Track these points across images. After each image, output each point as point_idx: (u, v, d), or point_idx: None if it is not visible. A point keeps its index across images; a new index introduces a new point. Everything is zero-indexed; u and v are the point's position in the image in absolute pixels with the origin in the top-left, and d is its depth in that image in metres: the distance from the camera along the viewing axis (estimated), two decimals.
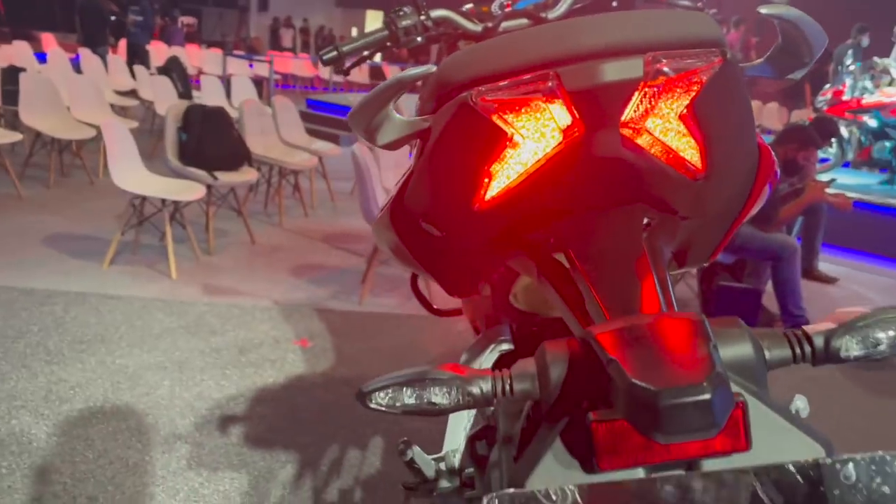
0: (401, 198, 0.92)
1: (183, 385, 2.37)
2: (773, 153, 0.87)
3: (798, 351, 0.60)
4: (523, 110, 0.71)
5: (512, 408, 1.20)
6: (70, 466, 1.89)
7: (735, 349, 0.59)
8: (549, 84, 0.71)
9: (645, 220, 0.76)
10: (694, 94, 0.70)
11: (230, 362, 2.56)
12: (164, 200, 4.05)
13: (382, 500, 1.87)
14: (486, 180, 0.74)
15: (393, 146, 0.81)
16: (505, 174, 0.73)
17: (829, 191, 4.94)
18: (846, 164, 8.51)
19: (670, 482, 0.52)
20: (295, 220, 5.57)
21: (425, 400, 0.62)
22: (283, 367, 2.57)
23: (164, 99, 7.65)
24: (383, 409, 0.63)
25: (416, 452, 1.12)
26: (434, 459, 1.16)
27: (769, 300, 4.03)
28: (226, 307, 3.10)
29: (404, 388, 0.62)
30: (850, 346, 0.58)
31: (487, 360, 1.23)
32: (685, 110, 0.70)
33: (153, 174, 4.23)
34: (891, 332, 0.58)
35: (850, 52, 8.58)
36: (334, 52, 1.19)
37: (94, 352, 2.53)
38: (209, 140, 4.80)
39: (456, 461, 1.16)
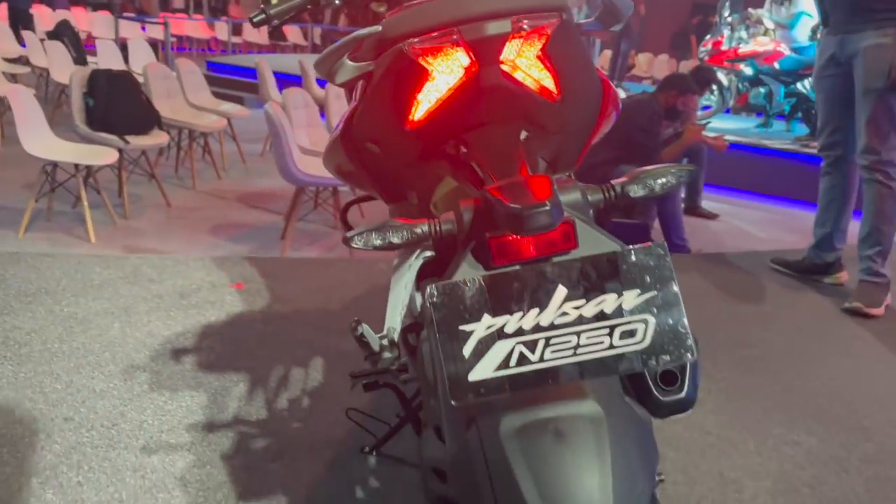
0: (348, 127, 1.22)
1: (132, 326, 2.58)
2: (613, 86, 1.23)
3: (606, 195, 0.95)
4: (438, 55, 1.05)
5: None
6: (41, 396, 2.10)
7: (570, 194, 0.94)
8: (455, 37, 1.06)
9: (524, 135, 1.10)
10: (544, 41, 1.05)
11: (173, 305, 2.78)
12: (76, 165, 4.12)
13: (327, 404, 2.17)
14: (414, 106, 1.06)
15: (347, 85, 1.12)
16: (426, 100, 1.06)
17: (708, 133, 5.47)
18: (727, 111, 9.22)
19: (534, 269, 0.86)
20: (208, 183, 5.69)
21: (387, 240, 0.93)
22: (222, 307, 2.81)
23: (60, 65, 7.47)
24: (361, 247, 0.93)
25: (365, 329, 1.43)
26: (379, 337, 1.47)
27: (657, 233, 4.52)
28: (159, 259, 3.29)
29: (373, 233, 0.93)
30: (636, 190, 0.94)
31: (414, 264, 1.53)
32: (540, 52, 1.07)
33: (63, 140, 4.28)
34: (661, 180, 0.93)
35: (727, 3, 9.16)
36: (263, 16, 1.45)
37: (41, 302, 2.70)
38: (117, 104, 4.84)
39: (395, 336, 1.47)
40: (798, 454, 2.08)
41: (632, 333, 0.83)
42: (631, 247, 0.86)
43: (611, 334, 0.83)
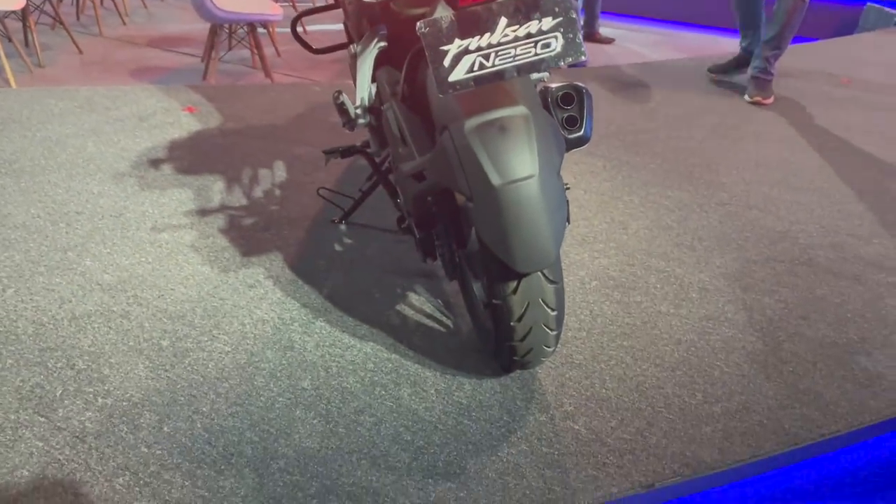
0: None
1: (105, 144, 2.88)
2: None
3: None
4: None
5: (390, 78, 1.94)
6: (48, 198, 2.44)
7: None
8: None
9: None
10: None
11: (135, 127, 3.08)
12: None
13: (296, 192, 2.60)
14: None
15: None
16: None
17: None
18: None
19: (486, 7, 1.30)
20: (114, 29, 5.68)
21: None
22: (181, 126, 3.12)
23: None
24: None
25: (345, 98, 1.85)
26: (355, 106, 1.89)
27: None
28: (107, 89, 3.50)
29: None
30: None
31: (373, 51, 1.93)
32: None
33: None
34: None
35: None
36: None
37: (12, 129, 2.94)
38: None
39: (366, 104, 1.90)
40: (670, 203, 2.69)
41: (548, 45, 1.29)
42: None
43: (535, 46, 1.29)
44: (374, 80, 1.96)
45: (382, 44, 1.93)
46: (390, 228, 2.36)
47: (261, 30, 5.01)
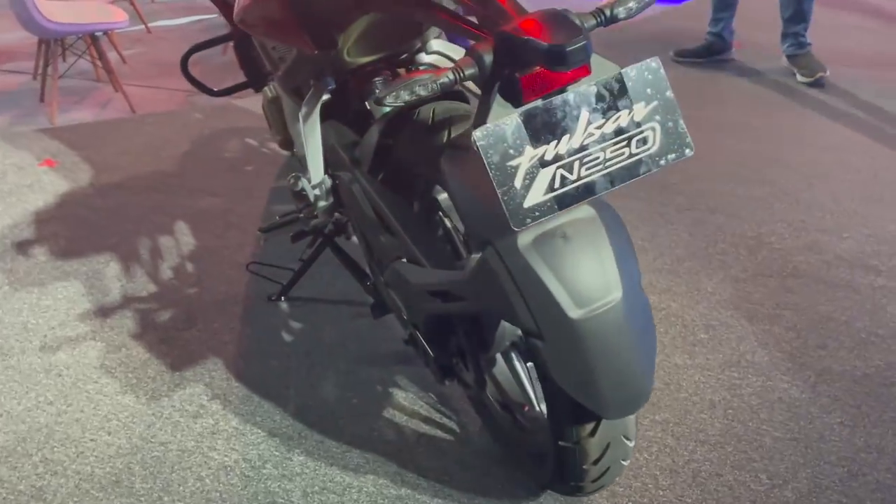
0: None
1: None
2: None
3: (599, 19, 1.02)
4: None
5: (340, 138, 1.56)
6: None
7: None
8: None
9: None
10: None
11: None
12: None
13: (212, 264, 2.15)
14: None
15: None
16: None
17: None
18: None
19: (560, 99, 0.96)
20: None
21: (415, 93, 0.95)
22: (43, 189, 2.55)
23: None
24: (398, 103, 0.95)
25: (304, 182, 1.45)
26: (312, 187, 1.50)
27: None
28: None
29: (402, 90, 0.95)
30: (619, 12, 1.01)
31: (317, 111, 1.54)
32: None
33: None
34: (634, 4, 1.01)
35: None
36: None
37: None
38: None
39: (326, 187, 1.51)
40: (632, 217, 2.46)
41: (645, 141, 0.98)
42: (631, 66, 0.98)
43: (629, 144, 0.97)
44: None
45: (326, 97, 1.54)
46: (344, 300, 1.98)
47: (98, 32, 4.32)
